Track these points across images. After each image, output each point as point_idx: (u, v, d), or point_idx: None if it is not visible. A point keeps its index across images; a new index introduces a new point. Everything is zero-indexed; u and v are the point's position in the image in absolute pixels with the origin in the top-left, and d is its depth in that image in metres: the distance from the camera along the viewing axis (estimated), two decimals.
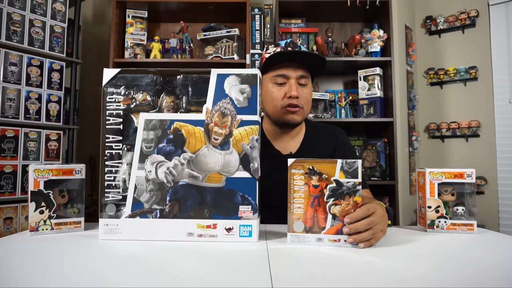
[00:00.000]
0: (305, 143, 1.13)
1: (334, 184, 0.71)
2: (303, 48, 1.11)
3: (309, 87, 1.08)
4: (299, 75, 1.04)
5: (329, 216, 0.71)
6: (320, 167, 0.71)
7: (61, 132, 2.04)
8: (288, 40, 1.09)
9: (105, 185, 0.74)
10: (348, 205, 0.70)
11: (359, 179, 0.71)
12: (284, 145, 1.12)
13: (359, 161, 0.71)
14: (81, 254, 0.65)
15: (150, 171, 0.74)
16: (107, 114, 0.75)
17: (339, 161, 0.71)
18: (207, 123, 0.74)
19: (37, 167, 0.78)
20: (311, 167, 0.71)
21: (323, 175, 0.71)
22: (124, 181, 0.74)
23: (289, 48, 1.05)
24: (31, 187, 0.77)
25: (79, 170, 0.82)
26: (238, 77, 0.75)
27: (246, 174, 0.74)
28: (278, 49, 1.05)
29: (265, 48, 1.13)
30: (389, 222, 0.85)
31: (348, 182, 0.71)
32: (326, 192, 0.71)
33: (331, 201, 0.71)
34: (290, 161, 0.73)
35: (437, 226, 0.85)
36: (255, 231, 0.73)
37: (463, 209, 0.86)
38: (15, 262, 0.59)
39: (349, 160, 0.71)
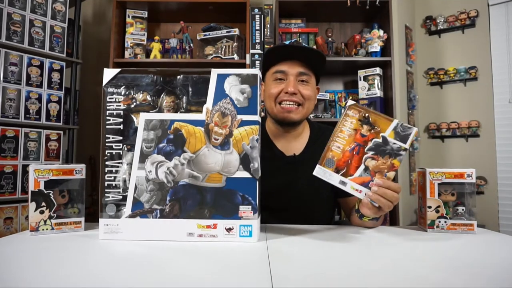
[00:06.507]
0: (310, 145, 1.11)
1: (380, 140, 0.70)
2: None
3: (311, 85, 1.06)
4: (298, 71, 1.03)
5: (362, 167, 0.72)
6: (375, 120, 0.71)
7: (61, 132, 2.04)
8: (293, 40, 1.09)
9: (105, 185, 0.74)
10: (385, 164, 0.70)
11: (407, 146, 0.69)
12: (287, 145, 1.11)
13: (414, 129, 0.70)
14: (81, 254, 0.66)
15: (150, 171, 0.74)
16: (107, 114, 0.75)
17: (396, 120, 0.70)
18: (207, 123, 0.74)
19: (37, 167, 0.78)
20: (366, 116, 0.71)
21: (376, 128, 0.71)
22: (124, 181, 0.74)
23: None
24: (31, 187, 0.77)
25: (79, 170, 0.82)
26: (238, 77, 0.75)
27: (246, 174, 0.74)
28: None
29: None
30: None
31: (394, 144, 0.70)
32: (369, 144, 0.71)
33: (370, 153, 0.71)
34: (351, 102, 0.73)
35: (437, 226, 0.85)
36: (255, 231, 0.73)
37: (463, 209, 0.86)
38: (15, 262, 0.59)
39: (405, 124, 0.70)
